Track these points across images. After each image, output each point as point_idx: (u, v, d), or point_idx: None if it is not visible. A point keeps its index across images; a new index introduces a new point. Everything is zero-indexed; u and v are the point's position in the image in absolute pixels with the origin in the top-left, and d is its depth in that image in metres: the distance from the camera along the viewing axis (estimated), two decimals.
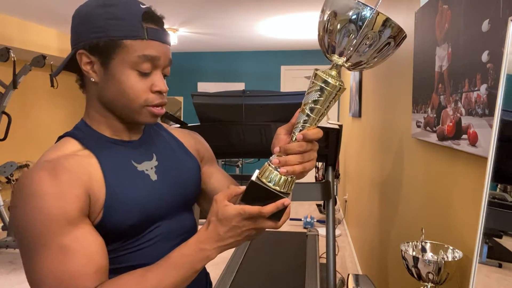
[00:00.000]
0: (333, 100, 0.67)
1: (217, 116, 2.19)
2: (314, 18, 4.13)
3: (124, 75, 0.75)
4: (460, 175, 1.18)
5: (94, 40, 0.74)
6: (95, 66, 0.76)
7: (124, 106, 0.77)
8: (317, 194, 2.14)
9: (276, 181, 0.68)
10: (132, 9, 0.75)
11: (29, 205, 0.68)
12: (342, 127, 2.11)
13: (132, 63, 0.75)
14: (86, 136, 0.80)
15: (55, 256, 0.67)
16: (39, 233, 0.67)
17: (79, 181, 0.72)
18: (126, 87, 0.75)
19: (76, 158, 0.75)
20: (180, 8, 3.79)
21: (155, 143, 0.88)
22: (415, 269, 1.05)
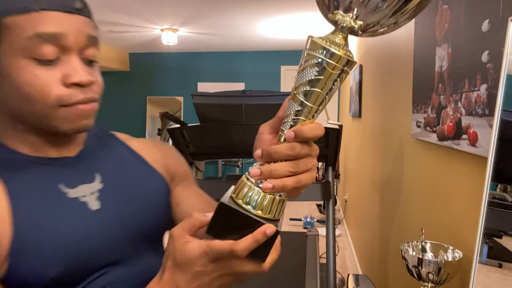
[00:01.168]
0: (338, 80, 0.45)
1: (217, 116, 2.19)
2: (314, 18, 4.13)
3: (17, 68, 0.52)
4: (460, 175, 1.18)
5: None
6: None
7: (28, 111, 0.54)
8: (317, 194, 2.14)
9: (258, 202, 0.46)
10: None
11: None
12: (342, 127, 2.11)
13: (23, 49, 0.51)
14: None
15: None
16: None
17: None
18: (23, 85, 0.52)
19: None
20: (180, 8, 3.79)
21: (100, 160, 0.65)
22: (415, 269, 1.05)
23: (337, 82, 0.45)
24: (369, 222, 2.89)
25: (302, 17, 4.09)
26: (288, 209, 5.39)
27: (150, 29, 4.70)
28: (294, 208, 5.52)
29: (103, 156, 0.66)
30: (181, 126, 2.22)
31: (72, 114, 0.55)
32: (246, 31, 4.85)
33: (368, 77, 3.20)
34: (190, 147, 2.29)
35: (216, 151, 2.40)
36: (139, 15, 4.01)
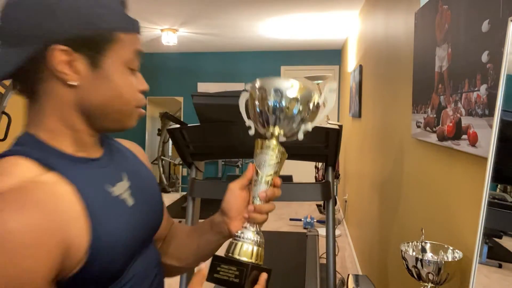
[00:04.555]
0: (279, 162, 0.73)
1: (217, 116, 2.19)
2: (314, 18, 4.13)
3: (120, 74, 0.62)
4: (460, 175, 1.18)
5: (81, 33, 0.58)
6: (77, 65, 0.59)
7: (116, 111, 0.63)
8: (317, 194, 2.14)
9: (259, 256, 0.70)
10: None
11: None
12: (342, 127, 2.11)
13: (126, 60, 0.63)
14: (45, 154, 0.59)
15: None
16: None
17: (55, 225, 0.53)
18: (124, 88, 0.63)
19: (44, 187, 0.54)
20: (180, 8, 3.79)
21: (119, 160, 0.71)
22: (415, 269, 1.05)
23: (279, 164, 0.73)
24: (369, 222, 2.89)
25: (302, 17, 4.09)
26: (288, 210, 5.39)
27: (150, 29, 4.70)
28: (294, 208, 5.52)
29: (119, 156, 0.72)
30: (181, 126, 2.22)
31: (138, 114, 0.67)
32: (246, 32, 4.85)
33: (368, 77, 3.20)
34: (190, 147, 2.29)
35: (216, 151, 2.40)
36: (139, 15, 4.01)
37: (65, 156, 0.61)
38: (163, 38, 4.75)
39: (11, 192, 0.51)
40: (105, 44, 0.60)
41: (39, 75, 0.59)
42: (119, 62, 0.62)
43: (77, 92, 0.60)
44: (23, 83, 0.63)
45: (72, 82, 0.59)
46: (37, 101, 0.61)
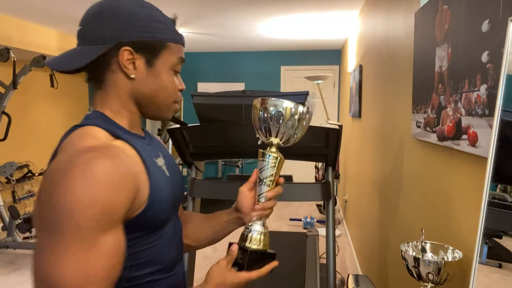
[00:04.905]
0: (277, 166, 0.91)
1: (217, 116, 2.19)
2: (314, 18, 4.13)
3: (167, 74, 0.81)
4: (460, 175, 1.18)
5: (143, 39, 0.77)
6: (137, 63, 0.77)
7: (160, 102, 0.82)
8: (317, 194, 2.14)
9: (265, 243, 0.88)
10: (165, 15, 0.83)
11: (74, 188, 0.61)
12: (342, 127, 2.11)
13: (173, 64, 0.82)
14: (112, 127, 0.77)
15: (86, 254, 0.61)
16: (78, 223, 0.60)
17: (131, 173, 0.69)
18: (168, 85, 0.82)
19: (119, 147, 0.71)
20: (180, 8, 3.79)
21: (154, 141, 0.89)
22: (415, 269, 1.05)
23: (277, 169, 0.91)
24: (369, 222, 2.89)
25: (302, 17, 4.09)
26: (288, 210, 5.39)
27: None
28: (294, 208, 5.52)
29: (154, 139, 0.91)
30: (181, 126, 2.22)
31: (175, 108, 0.86)
32: (246, 31, 4.85)
33: (368, 77, 3.20)
34: (190, 147, 2.29)
35: (216, 151, 2.40)
36: None
37: (125, 130, 0.79)
38: None
39: (100, 147, 0.68)
40: (159, 50, 0.79)
41: (109, 67, 0.77)
42: (167, 65, 0.81)
43: (133, 84, 0.79)
44: (94, 73, 0.79)
45: (132, 75, 0.78)
46: (103, 88, 0.79)
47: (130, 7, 0.77)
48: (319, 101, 4.62)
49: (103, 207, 0.63)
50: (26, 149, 5.28)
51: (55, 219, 0.61)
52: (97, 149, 0.67)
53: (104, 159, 0.65)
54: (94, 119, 0.77)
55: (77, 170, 0.62)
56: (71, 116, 6.26)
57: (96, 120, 0.76)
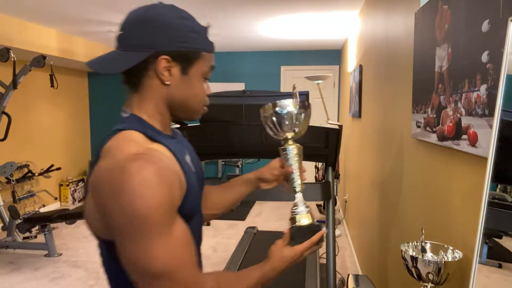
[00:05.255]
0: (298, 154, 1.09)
1: (217, 116, 2.19)
2: (314, 18, 4.13)
3: (198, 81, 0.88)
4: (460, 175, 1.18)
5: (179, 49, 0.83)
6: (172, 71, 0.83)
7: (191, 106, 0.90)
8: (317, 194, 2.14)
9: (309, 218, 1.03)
10: (200, 25, 0.88)
11: (146, 193, 0.70)
12: (342, 127, 2.11)
13: (204, 72, 0.88)
14: (148, 130, 0.84)
15: (167, 244, 0.73)
16: (159, 219, 0.71)
17: (175, 172, 0.79)
18: (199, 91, 0.89)
19: (159, 150, 0.79)
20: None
21: (181, 139, 0.97)
22: (415, 269, 1.05)
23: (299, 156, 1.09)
24: (369, 222, 2.89)
25: (302, 17, 4.09)
26: (288, 210, 5.38)
27: None
28: None
29: (180, 137, 0.99)
30: (181, 126, 2.22)
31: (203, 111, 0.93)
32: (246, 32, 4.85)
33: (368, 77, 3.20)
34: None
35: (216, 151, 2.40)
36: None
37: (159, 132, 0.85)
38: None
39: (144, 153, 0.74)
40: (194, 59, 0.85)
41: (147, 73, 0.83)
42: (199, 73, 0.87)
43: (168, 90, 0.85)
44: (131, 77, 0.85)
45: (167, 82, 0.84)
46: (139, 91, 0.85)
47: (169, 19, 0.82)
48: (319, 101, 4.62)
49: (168, 204, 0.73)
50: (26, 149, 5.28)
51: (136, 224, 0.71)
52: (143, 156, 0.74)
53: (152, 164, 0.73)
54: (132, 123, 0.84)
55: (136, 179, 0.70)
56: (71, 116, 6.26)
57: (134, 124, 0.83)
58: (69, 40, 5.01)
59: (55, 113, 5.89)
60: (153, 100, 0.85)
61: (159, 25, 0.81)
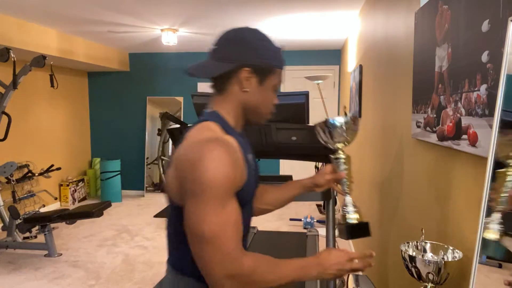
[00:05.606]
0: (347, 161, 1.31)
1: None
2: (314, 18, 4.13)
3: (270, 92, 1.07)
4: (460, 175, 1.18)
5: (260, 64, 1.02)
6: (251, 81, 1.02)
7: (261, 111, 1.08)
8: (317, 194, 2.14)
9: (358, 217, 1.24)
10: (276, 46, 1.06)
11: (215, 167, 0.88)
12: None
13: (275, 84, 1.07)
14: (224, 124, 1.03)
15: (219, 215, 0.88)
16: (220, 192, 0.88)
17: (240, 159, 0.96)
18: (269, 100, 1.08)
19: (229, 140, 0.97)
20: (180, 8, 3.79)
21: (246, 139, 1.13)
22: (415, 269, 1.05)
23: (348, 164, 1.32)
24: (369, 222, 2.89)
25: (302, 17, 4.09)
26: (288, 210, 5.38)
27: (150, 29, 4.70)
28: (294, 208, 5.52)
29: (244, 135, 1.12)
30: (181, 126, 2.22)
31: (269, 117, 1.12)
32: None
33: (368, 77, 3.20)
34: None
35: None
36: (139, 15, 4.01)
37: (232, 128, 1.05)
38: (163, 38, 4.75)
39: (218, 139, 0.94)
40: (269, 73, 1.05)
41: (230, 80, 1.03)
42: (271, 85, 1.06)
43: (245, 95, 1.04)
44: (218, 82, 1.05)
45: (246, 89, 1.03)
46: (223, 94, 1.05)
47: (253, 40, 1.03)
48: (319, 101, 4.61)
49: (230, 184, 0.89)
50: (26, 149, 5.28)
51: (201, 190, 0.87)
52: (217, 140, 0.93)
53: (224, 147, 0.91)
54: (213, 117, 1.03)
55: (209, 155, 0.88)
56: (71, 116, 6.26)
57: (214, 118, 1.03)
58: (69, 40, 5.01)
59: (55, 113, 5.89)
60: (232, 102, 1.05)
61: (245, 44, 1.02)
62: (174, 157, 0.97)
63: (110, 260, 3.83)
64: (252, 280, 0.91)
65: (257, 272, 0.91)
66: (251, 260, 0.91)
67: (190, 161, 0.90)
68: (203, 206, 0.87)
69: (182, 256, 1.01)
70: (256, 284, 0.92)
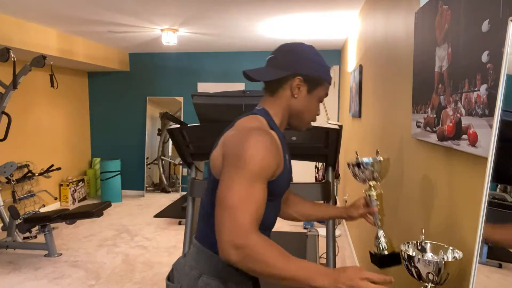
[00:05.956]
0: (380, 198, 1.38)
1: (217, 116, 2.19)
2: (314, 18, 4.13)
3: (316, 102, 1.20)
4: (460, 175, 1.18)
5: (311, 75, 1.15)
6: (301, 89, 1.15)
7: (304, 118, 1.20)
8: (317, 194, 2.14)
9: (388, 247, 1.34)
10: (326, 63, 1.19)
11: (255, 149, 0.99)
12: (342, 127, 2.11)
13: (321, 96, 1.19)
14: (271, 121, 1.15)
15: (245, 190, 0.96)
16: (254, 171, 0.97)
17: (280, 151, 1.07)
18: (313, 109, 1.20)
19: (272, 134, 1.08)
20: (180, 8, 3.79)
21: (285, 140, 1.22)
22: (415, 269, 1.05)
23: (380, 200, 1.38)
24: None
25: (302, 17, 4.09)
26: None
27: (150, 29, 4.70)
28: None
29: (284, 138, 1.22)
30: (181, 126, 2.22)
31: (310, 126, 1.24)
32: (246, 32, 4.85)
33: (368, 77, 3.20)
34: (190, 147, 2.29)
35: None
36: (139, 15, 4.01)
37: (276, 126, 1.16)
38: (163, 38, 4.75)
39: (262, 128, 1.08)
40: (318, 84, 1.17)
41: (283, 86, 1.16)
42: (318, 95, 1.19)
43: (293, 101, 1.17)
44: (271, 86, 1.17)
45: (295, 95, 1.16)
46: (274, 96, 1.17)
47: (308, 53, 1.16)
48: None
49: (266, 164, 1.00)
50: (26, 149, 5.28)
51: (237, 164, 0.98)
52: (262, 129, 1.06)
53: (267, 137, 1.03)
54: (261, 113, 1.16)
55: (253, 139, 1.00)
56: (71, 116, 6.26)
57: (262, 113, 1.16)
58: (69, 40, 5.01)
59: (55, 113, 5.89)
60: (281, 105, 1.17)
61: (300, 55, 1.15)
62: (223, 137, 1.10)
63: (110, 260, 3.83)
64: (255, 257, 0.92)
65: (262, 251, 0.92)
66: (261, 240, 0.93)
67: (236, 141, 1.02)
68: (234, 177, 0.97)
69: (209, 230, 1.09)
70: (258, 263, 0.92)
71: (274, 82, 1.16)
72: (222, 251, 0.94)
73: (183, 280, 1.16)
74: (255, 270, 0.93)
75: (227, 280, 1.13)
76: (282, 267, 0.92)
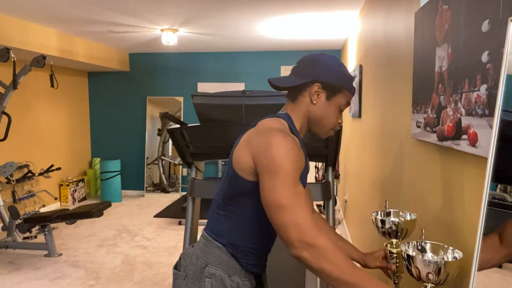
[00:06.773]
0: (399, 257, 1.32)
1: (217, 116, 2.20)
2: (314, 18, 4.13)
3: (334, 109, 1.22)
4: (460, 175, 1.18)
5: (329, 82, 1.18)
6: (320, 95, 1.19)
7: (323, 125, 1.23)
8: (317, 194, 2.14)
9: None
10: (350, 73, 1.23)
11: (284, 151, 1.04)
12: (342, 127, 2.11)
13: (341, 104, 1.22)
14: (292, 125, 1.20)
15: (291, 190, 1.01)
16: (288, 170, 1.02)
17: (302, 152, 1.12)
18: (333, 116, 1.23)
19: (293, 137, 1.12)
20: (180, 8, 3.79)
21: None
22: (415, 269, 1.05)
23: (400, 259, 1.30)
24: (369, 222, 2.89)
25: (302, 17, 4.09)
26: None
27: (150, 29, 4.70)
28: None
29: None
30: (181, 126, 2.22)
31: (330, 133, 1.27)
32: (246, 32, 4.85)
33: (368, 77, 3.20)
34: (190, 147, 2.29)
35: (216, 151, 2.40)
36: (139, 15, 4.01)
37: (296, 130, 1.21)
38: (163, 38, 4.76)
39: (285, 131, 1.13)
40: (337, 92, 1.20)
41: (303, 92, 1.21)
42: (337, 103, 1.21)
43: (313, 107, 1.21)
44: (293, 92, 1.22)
45: (314, 102, 1.20)
46: (295, 102, 1.22)
47: (329, 63, 1.20)
48: None
49: (297, 164, 1.06)
50: (26, 149, 5.28)
51: (275, 169, 1.03)
52: (285, 131, 1.12)
53: (290, 138, 1.08)
54: (284, 117, 1.21)
55: (279, 140, 1.05)
56: (71, 116, 6.26)
57: (285, 118, 1.21)
58: (69, 40, 5.01)
59: (55, 113, 5.89)
60: (301, 111, 1.22)
61: (320, 64, 1.20)
62: (246, 136, 1.15)
63: (110, 260, 3.83)
64: (328, 257, 0.95)
65: (334, 253, 0.95)
66: (330, 241, 0.97)
67: (264, 143, 1.07)
68: (278, 181, 1.02)
69: (219, 222, 1.20)
70: (329, 263, 0.94)
71: (295, 89, 1.21)
72: (294, 249, 0.97)
73: (190, 268, 1.21)
74: (324, 269, 0.95)
75: (232, 273, 1.19)
76: (348, 271, 0.94)
